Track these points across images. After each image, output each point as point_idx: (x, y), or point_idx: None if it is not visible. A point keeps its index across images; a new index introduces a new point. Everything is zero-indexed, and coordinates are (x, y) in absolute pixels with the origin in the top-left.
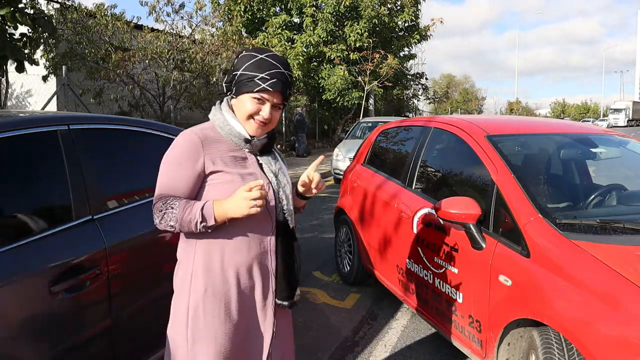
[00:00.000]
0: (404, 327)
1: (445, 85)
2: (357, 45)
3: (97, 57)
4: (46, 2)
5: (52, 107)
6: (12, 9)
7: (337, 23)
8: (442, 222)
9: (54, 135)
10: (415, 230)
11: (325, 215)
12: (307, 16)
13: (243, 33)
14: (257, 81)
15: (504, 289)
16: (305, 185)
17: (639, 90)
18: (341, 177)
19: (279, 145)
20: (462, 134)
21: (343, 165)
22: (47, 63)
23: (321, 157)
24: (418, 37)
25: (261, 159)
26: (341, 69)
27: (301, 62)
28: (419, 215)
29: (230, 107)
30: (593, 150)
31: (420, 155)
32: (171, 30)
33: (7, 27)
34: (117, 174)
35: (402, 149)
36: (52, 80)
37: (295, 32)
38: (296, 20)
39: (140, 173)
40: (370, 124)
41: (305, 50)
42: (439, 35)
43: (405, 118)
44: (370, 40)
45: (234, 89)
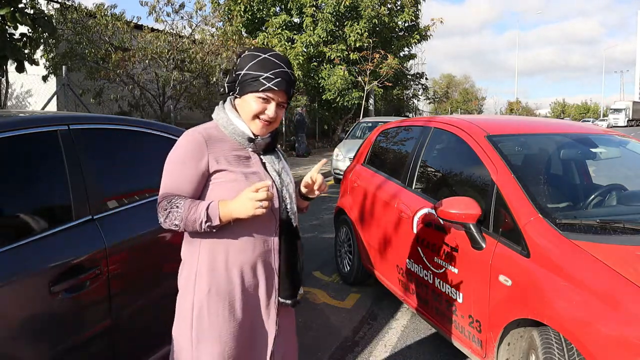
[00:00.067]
0: (404, 327)
1: (445, 85)
2: (357, 45)
3: (97, 57)
4: (46, 2)
5: (52, 107)
6: (12, 9)
7: (337, 23)
8: (442, 222)
9: (54, 135)
10: (415, 230)
11: (325, 215)
12: (307, 16)
13: (243, 33)
14: (262, 81)
15: (504, 289)
16: (308, 187)
17: (639, 90)
18: (341, 177)
19: (279, 145)
20: (462, 134)
21: (343, 165)
22: (47, 63)
23: (324, 160)
24: (418, 37)
25: (264, 158)
26: (341, 69)
27: (301, 62)
28: (419, 215)
29: (233, 106)
30: (593, 150)
31: (420, 155)
32: (171, 30)
33: (7, 27)
34: (117, 174)
35: (402, 149)
36: (52, 80)
37: (295, 32)
38: (296, 20)
39: (140, 173)
40: (370, 124)
41: (305, 50)
42: (439, 35)
43: (405, 118)
44: (370, 40)
45: (238, 88)
